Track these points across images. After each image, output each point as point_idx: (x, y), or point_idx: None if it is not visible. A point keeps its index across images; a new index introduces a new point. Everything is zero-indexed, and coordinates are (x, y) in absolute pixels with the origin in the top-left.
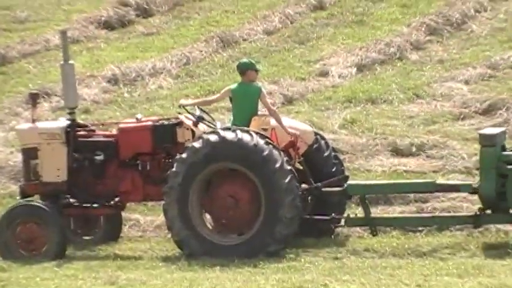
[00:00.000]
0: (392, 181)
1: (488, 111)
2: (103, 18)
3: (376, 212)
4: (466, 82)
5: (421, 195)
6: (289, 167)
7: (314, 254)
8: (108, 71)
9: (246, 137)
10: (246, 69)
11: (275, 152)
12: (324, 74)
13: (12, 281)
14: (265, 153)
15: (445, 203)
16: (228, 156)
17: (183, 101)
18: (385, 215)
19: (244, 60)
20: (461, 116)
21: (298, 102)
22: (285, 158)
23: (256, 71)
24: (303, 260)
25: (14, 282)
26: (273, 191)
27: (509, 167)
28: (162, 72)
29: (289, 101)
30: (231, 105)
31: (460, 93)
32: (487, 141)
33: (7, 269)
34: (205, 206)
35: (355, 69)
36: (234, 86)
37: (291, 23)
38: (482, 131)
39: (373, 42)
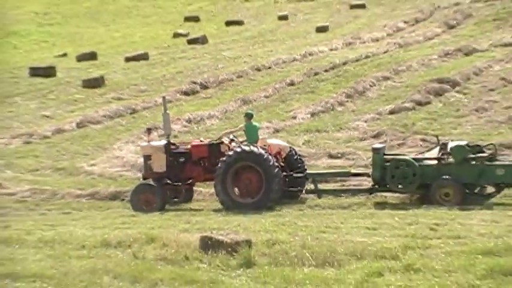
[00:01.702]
0: (329, 171)
1: (377, 136)
2: (183, 90)
3: (320, 186)
4: (365, 121)
5: (344, 177)
6: (277, 164)
7: (289, 207)
8: (186, 116)
9: (255, 149)
10: (252, 116)
11: (270, 157)
12: (294, 117)
13: (137, 220)
14: (265, 157)
15: (355, 181)
16: (246, 159)
17: (220, 135)
18: (325, 188)
19: (251, 111)
20: (363, 138)
21: (282, 132)
22: (275, 160)
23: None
24: (283, 210)
25: (138, 221)
26: (269, 176)
27: (386, 163)
28: (212, 117)
29: (277, 131)
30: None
31: (362, 126)
32: (375, 151)
33: (136, 215)
34: (235, 184)
35: (310, 115)
36: (246, 124)
37: (278, 92)
38: (373, 146)
39: (319, 102)
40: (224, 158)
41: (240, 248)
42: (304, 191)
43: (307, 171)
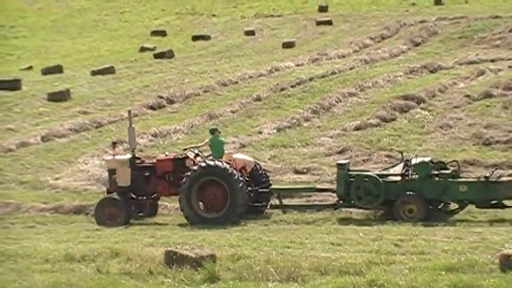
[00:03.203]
0: (293, 186)
1: (342, 151)
2: (150, 104)
3: (285, 201)
4: (331, 137)
5: (309, 193)
6: (242, 179)
7: (254, 222)
8: (152, 130)
9: (220, 164)
10: (216, 130)
11: (235, 171)
12: (260, 132)
13: (101, 234)
14: (230, 171)
15: (320, 197)
16: (211, 173)
17: (186, 148)
18: (289, 203)
19: (215, 126)
20: (329, 154)
21: (248, 147)
22: (240, 174)
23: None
24: (248, 225)
25: (103, 235)
26: (234, 191)
27: (351, 179)
28: (178, 132)
29: (243, 146)
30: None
31: (327, 142)
32: (340, 166)
33: (100, 229)
34: (200, 198)
35: (276, 130)
36: (211, 139)
37: (244, 107)
38: (338, 162)
39: (285, 117)
40: (189, 173)
41: (204, 262)
42: (269, 206)
43: (272, 186)
